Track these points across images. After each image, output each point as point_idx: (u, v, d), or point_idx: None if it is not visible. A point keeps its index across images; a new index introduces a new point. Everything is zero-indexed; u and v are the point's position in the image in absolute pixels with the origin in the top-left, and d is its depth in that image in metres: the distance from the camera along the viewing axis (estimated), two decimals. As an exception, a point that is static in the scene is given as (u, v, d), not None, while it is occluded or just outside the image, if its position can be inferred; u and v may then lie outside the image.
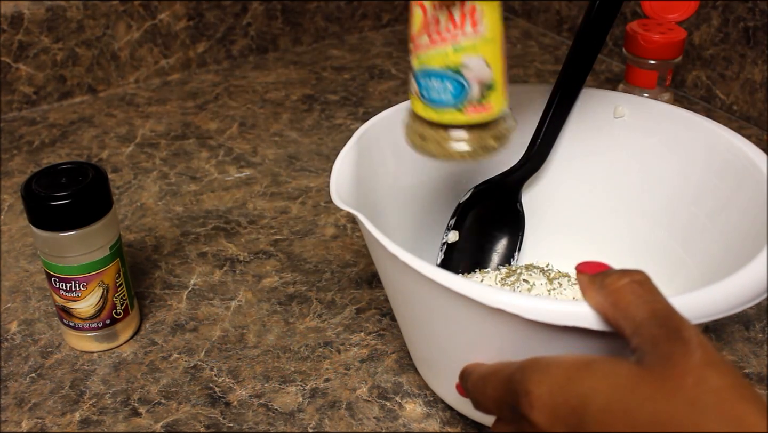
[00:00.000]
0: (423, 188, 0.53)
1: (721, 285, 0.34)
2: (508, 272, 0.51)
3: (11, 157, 0.76)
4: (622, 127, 0.51)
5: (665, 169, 0.50)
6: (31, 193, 0.46)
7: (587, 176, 0.53)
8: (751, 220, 0.42)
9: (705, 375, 0.27)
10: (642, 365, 0.28)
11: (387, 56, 0.97)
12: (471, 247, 0.54)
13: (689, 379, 0.27)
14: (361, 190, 0.44)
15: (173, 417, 0.47)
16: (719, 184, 0.46)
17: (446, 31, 0.37)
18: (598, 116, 0.52)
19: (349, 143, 0.46)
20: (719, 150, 0.46)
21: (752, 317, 0.54)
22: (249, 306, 0.56)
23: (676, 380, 0.27)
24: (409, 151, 0.52)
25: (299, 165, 0.73)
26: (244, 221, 0.65)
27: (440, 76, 0.38)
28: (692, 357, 0.27)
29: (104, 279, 0.49)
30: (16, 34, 0.80)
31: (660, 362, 0.28)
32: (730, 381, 0.27)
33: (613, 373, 0.28)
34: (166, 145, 0.77)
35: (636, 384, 0.27)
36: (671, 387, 0.27)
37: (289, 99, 0.86)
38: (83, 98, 0.87)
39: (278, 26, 0.96)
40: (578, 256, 0.37)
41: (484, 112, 0.38)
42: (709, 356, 0.27)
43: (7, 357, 0.51)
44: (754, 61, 0.76)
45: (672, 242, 0.49)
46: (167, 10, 0.88)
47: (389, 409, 0.47)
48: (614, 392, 0.28)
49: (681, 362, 0.27)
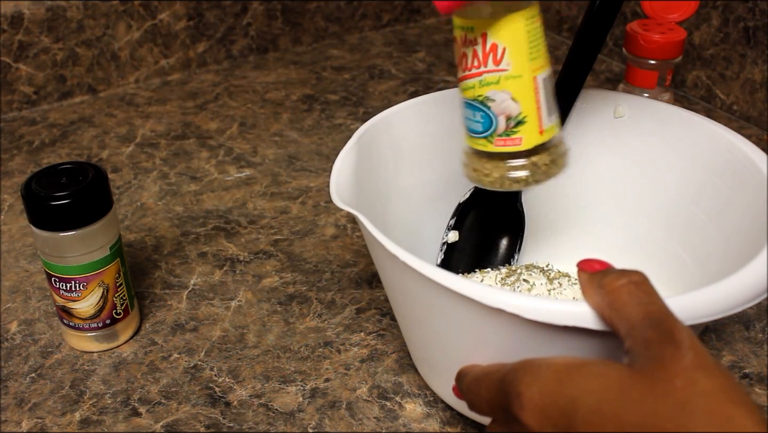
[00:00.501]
0: (423, 188, 0.53)
1: (720, 285, 0.34)
2: (508, 272, 0.51)
3: (11, 157, 0.76)
4: (623, 127, 0.51)
5: (665, 169, 0.50)
6: (31, 193, 0.46)
7: (588, 176, 0.53)
8: (750, 220, 0.42)
9: (695, 378, 0.27)
10: (633, 368, 0.28)
11: (387, 56, 0.97)
12: (471, 247, 0.54)
13: (679, 381, 0.27)
14: (361, 189, 0.44)
15: (173, 417, 0.47)
16: (719, 184, 0.46)
17: (473, 65, 0.39)
18: (598, 116, 0.52)
19: (349, 143, 0.46)
20: (719, 150, 0.46)
21: (752, 317, 0.54)
22: (249, 306, 0.56)
23: (666, 382, 0.27)
24: (409, 151, 0.52)
25: (299, 165, 0.73)
26: (244, 220, 0.65)
27: (472, 107, 0.40)
28: (683, 360, 0.27)
29: (104, 279, 0.49)
30: (16, 34, 0.80)
31: (650, 365, 0.28)
32: (721, 384, 0.27)
33: (604, 375, 0.28)
34: (166, 145, 0.77)
35: (626, 386, 0.27)
36: (661, 390, 0.27)
37: (289, 99, 0.86)
38: (83, 98, 0.87)
39: (278, 26, 0.96)
40: (578, 255, 0.37)
41: (512, 145, 0.40)
42: (701, 359, 0.27)
43: (7, 357, 0.51)
44: (754, 61, 0.76)
45: (672, 242, 0.49)
46: (167, 10, 0.88)
47: (389, 409, 0.47)
48: (604, 395, 0.28)
49: (671, 364, 0.27)
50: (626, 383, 0.28)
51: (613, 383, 0.28)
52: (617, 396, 0.27)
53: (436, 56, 0.97)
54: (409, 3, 1.05)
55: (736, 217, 0.44)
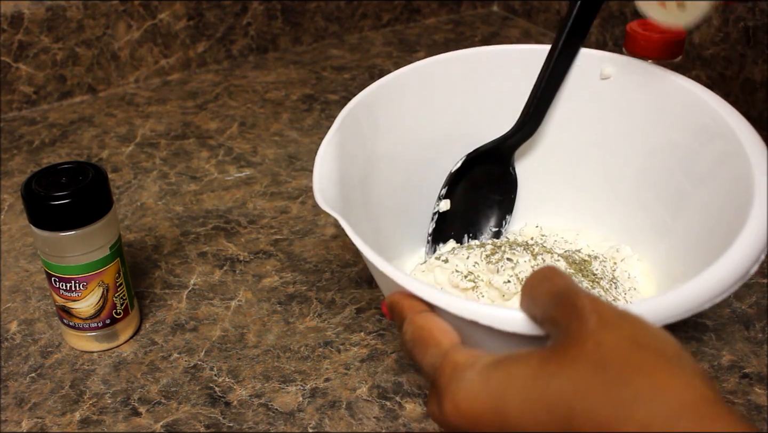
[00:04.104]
0: (412, 158, 0.53)
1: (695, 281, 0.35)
2: (493, 249, 0.51)
3: (11, 157, 0.76)
4: (611, 88, 0.51)
5: (654, 132, 0.50)
6: (31, 193, 0.46)
7: (578, 140, 0.54)
8: (732, 196, 0.42)
9: (601, 336, 0.27)
10: (549, 348, 0.29)
11: (387, 56, 0.97)
12: (463, 213, 0.55)
13: (589, 344, 0.27)
14: (345, 175, 0.44)
15: (173, 417, 0.47)
16: (704, 153, 0.46)
17: None
18: (586, 79, 0.52)
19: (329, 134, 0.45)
20: (705, 121, 0.46)
21: (752, 317, 0.54)
22: (249, 306, 0.56)
23: (577, 348, 0.27)
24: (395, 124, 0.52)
25: (299, 165, 0.73)
26: (244, 220, 0.65)
27: None
28: (588, 324, 0.28)
29: (104, 279, 0.49)
30: (16, 34, 0.80)
31: (562, 339, 0.28)
32: (628, 334, 0.27)
33: (523, 362, 0.29)
34: (166, 145, 0.77)
35: (544, 365, 0.28)
36: (573, 357, 0.27)
37: (289, 99, 0.86)
38: (83, 98, 0.87)
39: (278, 26, 0.96)
40: (567, 218, 0.37)
41: None
42: (605, 318, 0.28)
43: (7, 357, 0.51)
44: (754, 61, 0.76)
45: (658, 207, 0.50)
46: (167, 9, 0.88)
47: (389, 409, 0.47)
48: (527, 380, 0.28)
49: (579, 332, 0.28)
50: (544, 362, 0.28)
51: (533, 365, 0.28)
52: (538, 377, 0.28)
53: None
54: (409, 3, 1.05)
55: (718, 190, 0.44)
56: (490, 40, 1.00)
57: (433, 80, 0.52)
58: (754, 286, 0.56)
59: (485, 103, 0.54)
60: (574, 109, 0.53)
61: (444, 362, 0.32)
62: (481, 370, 0.30)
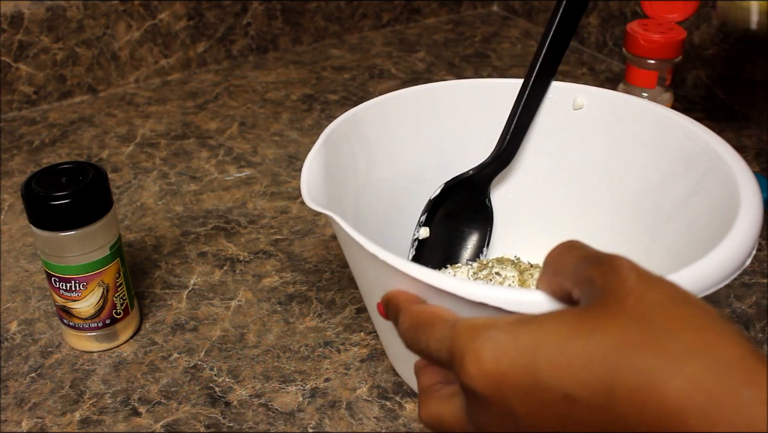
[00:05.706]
0: (393, 183, 0.53)
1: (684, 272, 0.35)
2: (480, 266, 0.52)
3: (11, 157, 0.76)
4: (586, 119, 0.52)
5: (630, 159, 0.50)
6: (31, 193, 0.46)
7: (554, 169, 0.54)
8: (714, 209, 0.42)
9: (643, 293, 0.27)
10: (582, 307, 0.28)
11: (387, 56, 0.97)
12: (441, 242, 0.55)
13: (630, 300, 0.26)
14: (331, 189, 0.45)
15: (173, 417, 0.47)
16: (683, 174, 0.46)
17: None
18: (560, 109, 0.53)
19: (317, 144, 0.46)
20: (679, 140, 0.47)
21: (752, 317, 0.54)
22: (249, 306, 0.56)
23: (617, 305, 0.27)
24: (380, 148, 0.52)
25: (299, 165, 0.73)
26: (244, 220, 0.65)
27: None
28: (627, 281, 0.27)
29: (104, 279, 0.49)
30: (16, 34, 0.80)
31: (600, 297, 0.27)
32: (670, 292, 0.27)
33: (558, 320, 0.27)
34: (166, 145, 0.77)
35: (582, 321, 0.27)
36: (613, 313, 0.26)
37: (289, 99, 0.86)
38: (83, 98, 0.87)
39: (278, 26, 0.96)
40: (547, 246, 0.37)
41: None
42: (644, 276, 0.27)
43: (7, 357, 0.51)
44: (754, 61, 0.76)
45: (638, 231, 0.50)
46: (167, 9, 0.88)
47: (389, 409, 0.47)
48: (563, 336, 0.27)
49: (618, 288, 0.27)
50: (580, 319, 0.27)
51: (567, 322, 0.27)
52: (575, 333, 0.26)
53: (436, 56, 0.97)
54: (409, 3, 1.05)
55: (700, 206, 0.44)
56: (490, 40, 1.00)
57: (419, 106, 0.53)
58: (754, 286, 0.56)
59: (467, 133, 0.55)
60: (548, 140, 0.53)
61: (456, 330, 0.30)
62: (506, 328, 0.28)
